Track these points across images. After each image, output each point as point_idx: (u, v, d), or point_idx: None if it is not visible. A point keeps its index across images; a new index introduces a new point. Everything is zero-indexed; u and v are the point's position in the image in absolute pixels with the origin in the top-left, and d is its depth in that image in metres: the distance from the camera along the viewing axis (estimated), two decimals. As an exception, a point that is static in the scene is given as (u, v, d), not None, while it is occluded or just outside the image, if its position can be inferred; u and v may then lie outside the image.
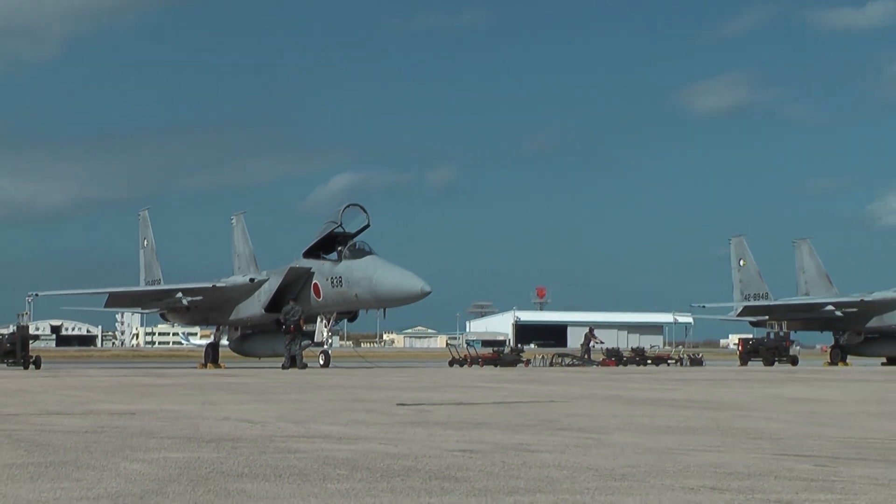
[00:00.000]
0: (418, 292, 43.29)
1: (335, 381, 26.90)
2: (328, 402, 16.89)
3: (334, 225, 45.17)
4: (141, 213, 60.89)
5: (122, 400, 17.76)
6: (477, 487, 6.75)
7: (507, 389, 22.23)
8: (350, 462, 8.14)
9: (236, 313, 49.61)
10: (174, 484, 6.93)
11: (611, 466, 7.89)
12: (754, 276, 67.33)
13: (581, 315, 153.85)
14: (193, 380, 28.56)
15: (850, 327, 61.36)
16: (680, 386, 24.46)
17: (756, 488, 6.76)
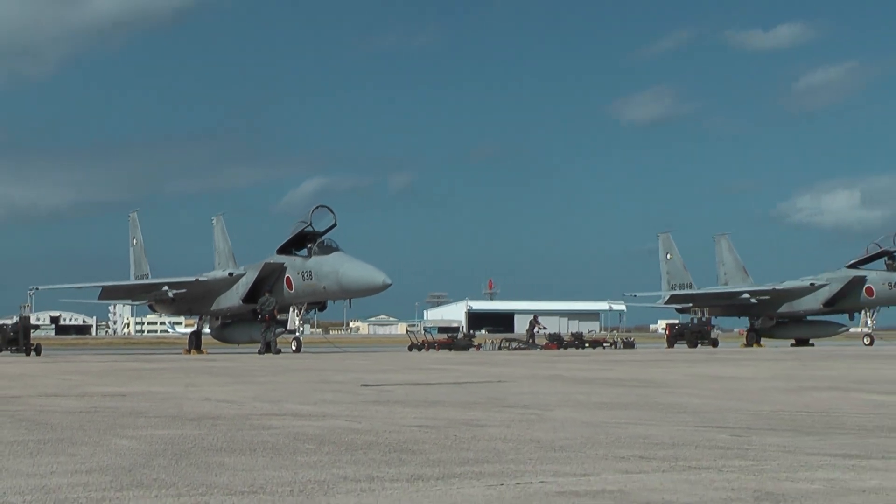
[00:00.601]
0: (380, 284, 43.32)
1: (306, 365, 26.85)
2: (299, 384, 16.85)
3: (304, 224, 45.09)
4: (131, 215, 60.68)
5: (113, 383, 17.67)
6: (431, 459, 6.75)
7: (460, 371, 22.24)
8: (318, 437, 8.13)
9: (217, 304, 49.47)
10: (159, 458, 6.91)
11: (551, 439, 7.90)
12: (679, 268, 67.56)
13: (526, 304, 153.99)
14: (178, 364, 28.46)
15: (764, 313, 61.65)
16: (613, 366, 24.52)
17: (679, 457, 6.79)
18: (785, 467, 6.29)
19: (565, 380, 17.75)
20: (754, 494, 5.32)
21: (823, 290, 58.62)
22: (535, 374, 20.22)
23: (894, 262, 56.15)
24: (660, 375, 19.26)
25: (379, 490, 5.52)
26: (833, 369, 21.61)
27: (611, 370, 22.12)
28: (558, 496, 5.28)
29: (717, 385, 15.90)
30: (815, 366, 23.93)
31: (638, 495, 5.30)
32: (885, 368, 21.81)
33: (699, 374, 20.02)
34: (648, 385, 15.83)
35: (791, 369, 21.74)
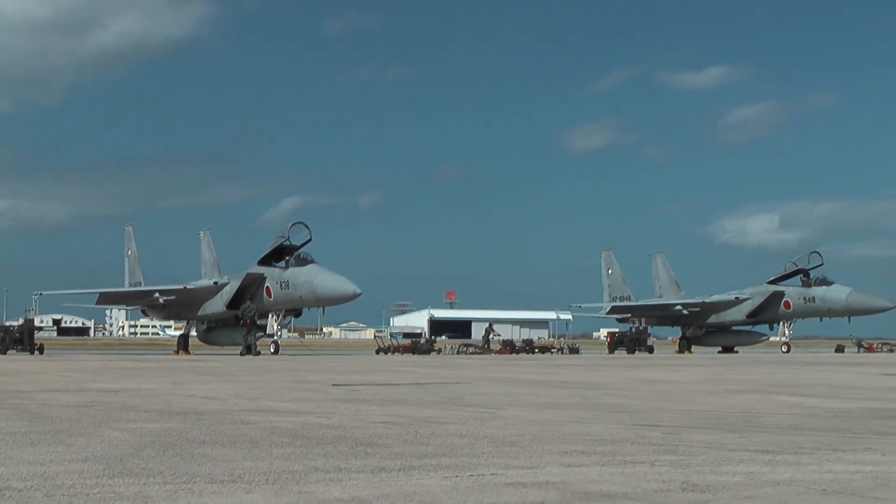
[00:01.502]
0: (351, 293, 43.33)
1: (282, 366, 26.75)
2: (276, 383, 16.79)
3: (283, 239, 45.05)
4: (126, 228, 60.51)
5: (108, 380, 17.55)
6: (394, 452, 6.74)
7: (422, 373, 22.22)
8: (292, 431, 8.11)
9: (203, 310, 49.32)
10: (148, 448, 6.87)
11: (502, 435, 7.91)
12: (619, 282, 67.79)
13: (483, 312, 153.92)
14: (167, 364, 28.30)
15: (694, 323, 61.95)
16: (559, 370, 24.56)
17: (616, 452, 6.81)
18: (709, 462, 6.32)
19: (516, 382, 17.75)
20: (682, 486, 5.35)
21: (747, 304, 58.98)
22: (489, 376, 20.22)
23: (809, 280, 56.58)
24: (600, 379, 19.30)
25: (346, 480, 5.51)
26: (754, 374, 21.73)
27: (557, 373, 22.15)
28: (507, 487, 5.29)
29: (651, 388, 15.95)
30: (739, 371, 24.04)
31: (578, 486, 5.31)
32: (800, 373, 21.94)
33: (636, 377, 20.07)
34: (590, 387, 15.86)
35: (717, 374, 21.84)
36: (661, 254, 67.31)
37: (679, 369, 25.43)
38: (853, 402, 12.31)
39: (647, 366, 29.01)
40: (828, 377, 20.24)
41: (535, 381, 17.89)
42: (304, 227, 45.15)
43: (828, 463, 6.32)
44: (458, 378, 19.17)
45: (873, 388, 15.81)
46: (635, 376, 20.52)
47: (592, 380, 18.63)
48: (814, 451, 6.91)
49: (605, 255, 68.92)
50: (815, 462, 6.36)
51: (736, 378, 19.59)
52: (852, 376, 20.67)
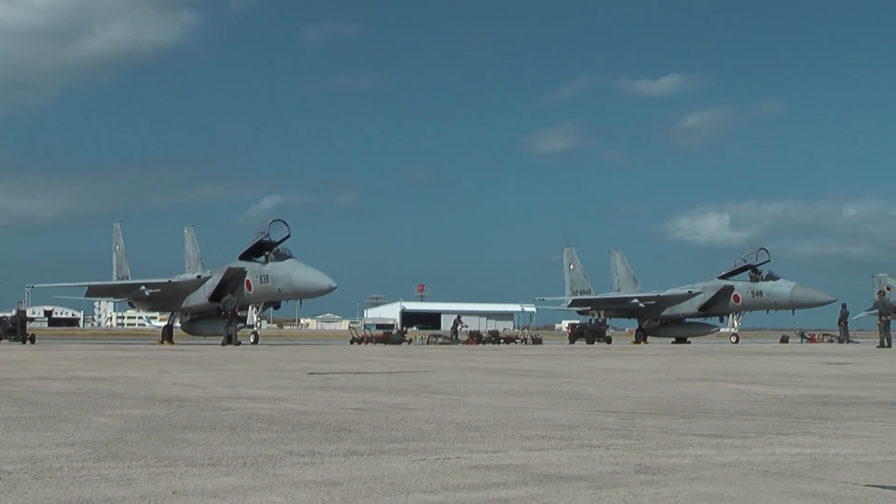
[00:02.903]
0: (327, 287, 43.30)
1: (261, 355, 26.67)
2: (255, 371, 16.74)
3: (263, 235, 44.98)
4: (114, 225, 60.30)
5: (96, 368, 17.45)
6: (365, 437, 6.74)
7: (393, 362, 22.20)
8: (269, 417, 8.09)
9: (187, 302, 49.18)
10: (133, 433, 6.85)
11: (468, 421, 7.91)
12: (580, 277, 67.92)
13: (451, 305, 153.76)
14: (152, 353, 28.16)
15: (650, 315, 62.19)
16: (523, 359, 24.59)
17: (574, 436, 6.83)
18: (661, 445, 6.35)
19: (482, 371, 17.77)
20: (635, 468, 5.37)
21: (699, 297, 59.27)
22: (457, 365, 20.23)
23: (756, 275, 56.90)
24: (561, 368, 19.34)
25: (319, 463, 5.51)
26: (704, 363, 21.83)
27: (521, 363, 22.18)
28: (472, 469, 5.30)
29: (608, 376, 15.99)
30: (690, 360, 24.14)
31: (538, 469, 5.33)
32: (747, 363, 22.05)
33: (594, 366, 20.13)
34: (551, 376, 15.89)
35: (670, 363, 21.92)
36: (620, 250, 67.54)
37: (635, 359, 25.50)
38: (795, 389, 12.39)
39: (605, 355, 29.09)
40: (773, 366, 20.35)
41: (499, 370, 17.90)
42: (283, 224, 45.12)
43: (771, 446, 6.37)
44: (428, 367, 19.16)
45: (814, 376, 15.92)
46: (594, 365, 20.57)
47: (554, 369, 18.66)
48: (758, 435, 6.95)
49: (567, 252, 69.03)
50: (759, 445, 6.40)
51: (687, 367, 19.67)
52: (795, 365, 20.80)
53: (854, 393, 11.80)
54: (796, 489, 4.74)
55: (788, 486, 4.83)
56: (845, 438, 6.84)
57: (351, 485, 4.79)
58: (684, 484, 4.87)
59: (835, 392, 11.92)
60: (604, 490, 4.68)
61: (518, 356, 27.69)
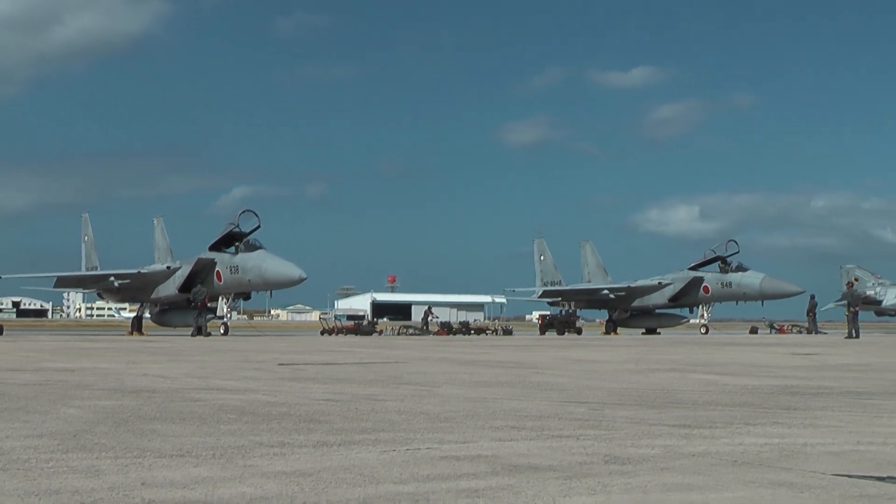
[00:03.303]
0: (297, 278, 43.29)
1: (231, 346, 26.60)
2: (225, 362, 16.69)
3: (233, 226, 44.86)
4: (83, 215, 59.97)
5: (65, 360, 17.36)
6: (336, 427, 6.74)
7: (364, 353, 22.20)
8: (239, 408, 8.07)
9: (156, 293, 48.99)
10: (101, 425, 6.82)
11: (438, 411, 7.92)
12: (551, 268, 68.08)
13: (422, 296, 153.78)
14: (121, 345, 28.04)
15: (620, 306, 62.37)
16: (493, 350, 24.64)
17: (545, 427, 6.85)
18: (631, 436, 6.38)
19: (452, 361, 17.79)
20: (604, 458, 5.39)
21: (669, 288, 59.52)
22: (427, 356, 20.24)
23: (726, 266, 57.24)
24: (532, 358, 19.39)
25: (289, 454, 5.50)
26: (674, 354, 21.93)
27: (491, 353, 22.21)
28: (441, 460, 5.31)
29: (579, 367, 16.04)
30: (660, 351, 24.25)
31: (508, 459, 5.34)
32: (716, 353, 22.17)
33: (565, 357, 20.18)
34: (522, 366, 15.92)
35: (640, 354, 22.01)
36: (590, 242, 67.69)
37: (605, 349, 25.60)
38: (764, 380, 12.47)
39: (575, 346, 29.17)
40: (742, 357, 20.47)
41: (470, 361, 17.93)
42: (253, 214, 45.04)
43: (739, 436, 6.41)
44: (398, 358, 19.17)
45: (782, 367, 16.02)
46: (564, 356, 20.62)
47: (524, 359, 18.70)
48: (727, 426, 6.99)
49: (538, 243, 69.16)
50: (728, 435, 6.44)
51: (657, 358, 19.76)
52: (764, 356, 20.93)
53: (822, 383, 11.89)
54: (764, 479, 4.77)
55: (756, 475, 4.87)
56: (813, 428, 6.89)
57: (321, 475, 4.79)
58: (653, 474, 4.89)
59: (803, 382, 12.01)
60: (573, 480, 4.70)
61: (488, 347, 27.73)
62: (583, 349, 25.91)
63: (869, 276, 76.31)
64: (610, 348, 26.82)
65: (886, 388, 11.23)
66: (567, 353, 22.91)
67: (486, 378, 12.63)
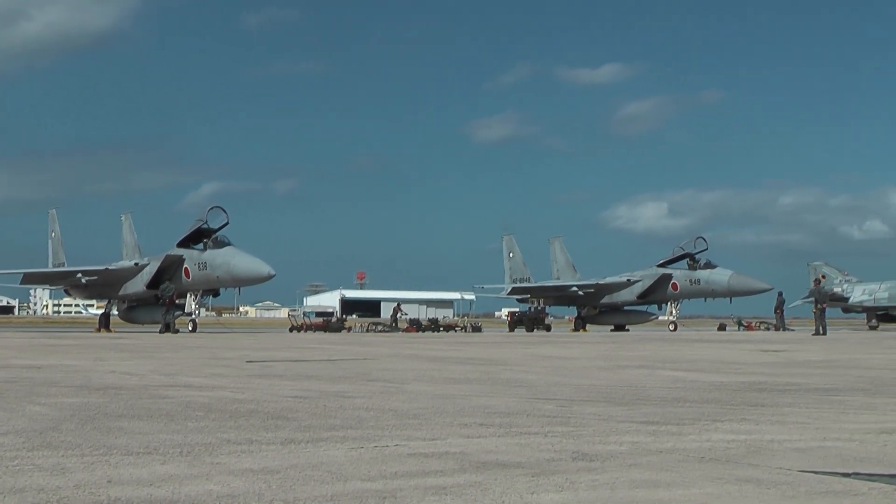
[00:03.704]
0: (266, 275, 43.19)
1: (200, 343, 26.49)
2: (193, 359, 16.62)
3: (201, 222, 44.72)
4: (50, 212, 59.74)
5: (31, 357, 17.23)
6: (303, 425, 6.72)
7: (333, 350, 22.17)
8: (207, 406, 8.04)
9: (124, 290, 48.74)
10: (68, 422, 6.77)
11: (406, 408, 7.92)
12: (520, 265, 68.23)
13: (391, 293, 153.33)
14: (89, 341, 27.87)
15: (589, 303, 62.60)
16: (462, 347, 24.66)
17: (513, 424, 6.86)
18: (599, 432, 6.39)
19: (421, 358, 17.79)
20: (572, 455, 5.40)
21: (637, 285, 59.79)
22: (397, 353, 20.23)
23: (694, 263, 57.56)
24: (501, 355, 19.41)
25: (257, 451, 5.48)
26: (643, 350, 22.01)
27: (460, 350, 22.23)
28: (409, 457, 5.30)
29: (547, 363, 16.07)
30: (629, 347, 24.34)
31: (476, 456, 5.34)
32: (685, 350, 22.27)
33: (533, 354, 20.22)
34: (491, 363, 15.94)
35: (609, 350, 22.08)
36: (559, 238, 67.96)
37: (574, 346, 25.66)
38: (732, 377, 12.53)
39: (544, 343, 29.24)
40: (710, 353, 20.58)
41: (439, 358, 17.93)
42: (221, 211, 44.92)
43: (707, 432, 6.44)
44: (367, 355, 19.15)
45: (751, 364, 16.12)
46: (533, 353, 20.66)
47: (493, 356, 18.72)
48: (694, 422, 7.03)
49: (507, 240, 69.29)
50: (696, 432, 6.47)
51: (626, 354, 19.83)
52: (732, 352, 21.04)
53: (789, 380, 11.96)
54: (731, 475, 4.79)
55: (723, 471, 4.89)
56: (780, 425, 6.93)
57: (289, 472, 4.77)
58: (621, 470, 4.91)
59: (770, 379, 12.08)
60: (541, 477, 4.70)
61: (457, 344, 27.75)
62: (551, 346, 25.96)
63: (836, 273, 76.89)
64: (579, 345, 26.90)
65: (853, 384, 11.32)
66: (536, 349, 22.95)
67: (455, 375, 12.63)
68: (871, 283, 73.97)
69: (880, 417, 7.53)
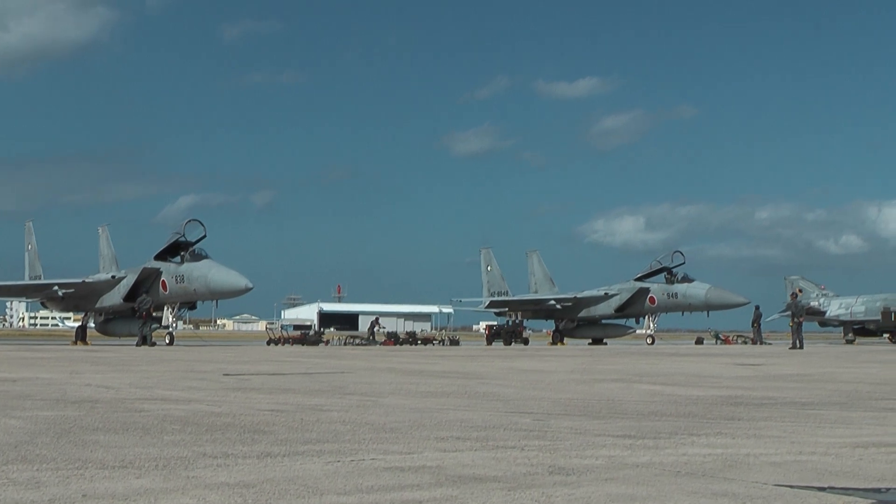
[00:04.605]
0: (243, 287, 43.13)
1: (177, 356, 26.39)
2: (170, 373, 16.55)
3: (178, 235, 44.61)
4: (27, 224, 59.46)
5: (6, 370, 17.12)
6: (280, 438, 6.70)
7: (310, 363, 22.12)
8: (183, 419, 8.00)
9: (101, 302, 48.55)
10: (43, 436, 6.73)
11: (383, 422, 7.91)
12: (498, 278, 68.27)
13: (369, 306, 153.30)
14: (65, 354, 27.72)
15: (567, 316, 62.68)
16: (440, 360, 24.64)
17: (490, 437, 6.86)
18: (575, 446, 6.40)
19: (398, 371, 17.77)
20: (549, 469, 5.41)
21: (615, 299, 59.91)
22: (374, 366, 20.20)
23: (672, 277, 57.74)
24: (478, 368, 19.41)
25: (233, 465, 5.46)
26: (620, 364, 22.05)
27: (437, 364, 22.22)
28: (386, 471, 5.29)
29: (525, 377, 16.08)
30: (606, 361, 24.38)
31: (453, 470, 5.34)
32: (662, 364, 22.32)
33: (511, 367, 20.23)
34: (468, 377, 15.94)
35: (586, 364, 22.11)
36: (537, 252, 68.08)
37: (551, 360, 25.69)
38: (709, 390, 12.57)
39: (522, 356, 29.26)
40: (687, 367, 20.63)
41: (416, 371, 17.92)
42: (199, 223, 44.81)
43: (683, 446, 6.45)
44: (344, 368, 19.12)
45: (728, 377, 16.16)
46: (511, 366, 20.67)
47: (471, 370, 18.72)
48: (671, 436, 7.04)
49: (485, 253, 69.34)
50: (672, 446, 6.49)
51: (603, 368, 19.86)
52: (709, 366, 21.11)
53: (766, 394, 12.01)
54: (707, 489, 4.81)
55: (699, 486, 4.90)
56: (756, 439, 6.95)
57: (264, 486, 4.76)
58: (597, 485, 4.91)
59: (747, 393, 12.12)
60: (517, 491, 4.71)
61: (435, 357, 27.73)
62: (529, 359, 25.98)
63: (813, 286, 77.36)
64: (556, 359, 26.92)
65: (829, 398, 11.37)
66: (513, 363, 22.96)
67: (432, 388, 12.62)
68: (848, 297, 74.48)
69: (856, 431, 7.56)
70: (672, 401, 10.66)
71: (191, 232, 44.55)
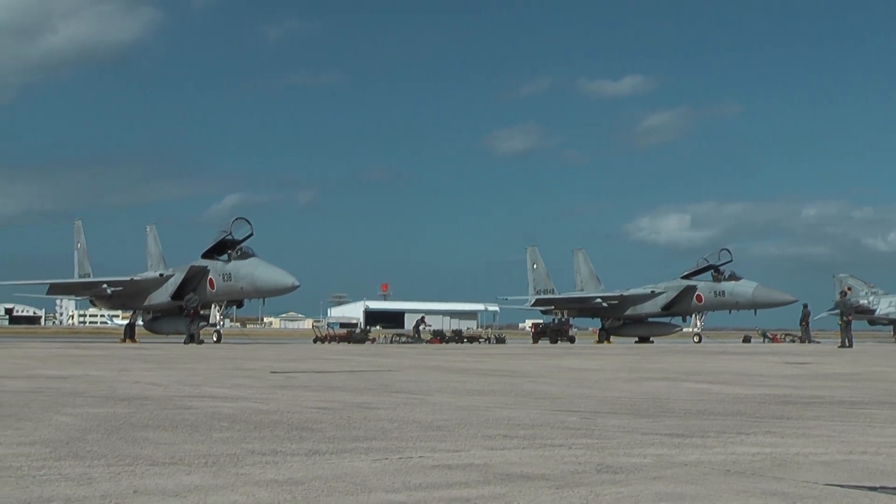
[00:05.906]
0: (290, 286, 43.25)
1: (224, 354, 26.56)
2: (217, 370, 16.67)
3: (225, 233, 44.81)
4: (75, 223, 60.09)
5: (57, 367, 17.32)
6: (328, 436, 6.73)
7: (356, 361, 22.18)
8: (231, 416, 8.06)
9: (149, 300, 48.93)
10: (93, 433, 6.80)
11: (430, 420, 7.92)
12: (543, 276, 68.10)
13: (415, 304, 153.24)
14: (114, 352, 27.99)
15: (613, 315, 62.37)
16: (486, 359, 24.62)
17: (537, 436, 6.85)
18: (623, 445, 6.38)
19: (445, 370, 17.77)
20: (596, 467, 5.39)
21: (661, 297, 59.53)
22: (420, 364, 20.23)
23: (719, 275, 57.27)
24: (524, 367, 19.38)
25: (281, 462, 5.49)
26: (667, 363, 21.94)
27: (484, 362, 22.21)
28: (433, 469, 5.30)
29: (571, 375, 16.04)
30: (653, 359, 24.26)
31: (500, 468, 5.34)
32: (708, 362, 22.18)
33: (557, 365, 20.18)
34: (515, 375, 15.92)
35: (632, 362, 22.01)
36: (583, 250, 67.81)
37: (598, 358, 25.60)
38: (756, 389, 12.48)
39: (568, 355, 29.18)
40: (734, 366, 20.48)
41: (462, 369, 17.92)
42: (245, 222, 45.00)
43: (731, 445, 6.41)
44: (390, 366, 19.15)
45: (775, 376, 16.04)
46: (557, 364, 20.62)
47: (517, 368, 18.70)
48: (719, 435, 7.00)
49: (531, 251, 69.18)
50: (720, 444, 6.45)
51: (650, 366, 19.77)
52: (757, 365, 20.95)
53: (814, 392, 11.90)
54: (756, 488, 4.78)
55: (749, 485, 4.87)
56: (805, 438, 6.90)
57: (313, 484, 4.78)
58: (645, 483, 4.90)
59: (795, 392, 12.02)
60: (565, 489, 4.70)
61: (481, 355, 27.71)
62: (575, 358, 25.90)
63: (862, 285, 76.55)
64: (602, 357, 26.82)
65: (879, 397, 11.25)
66: (559, 361, 22.90)
67: (479, 386, 12.62)
68: (898, 296, 73.60)
69: (906, 431, 7.48)
70: (720, 399, 10.59)
71: (238, 230, 44.78)
